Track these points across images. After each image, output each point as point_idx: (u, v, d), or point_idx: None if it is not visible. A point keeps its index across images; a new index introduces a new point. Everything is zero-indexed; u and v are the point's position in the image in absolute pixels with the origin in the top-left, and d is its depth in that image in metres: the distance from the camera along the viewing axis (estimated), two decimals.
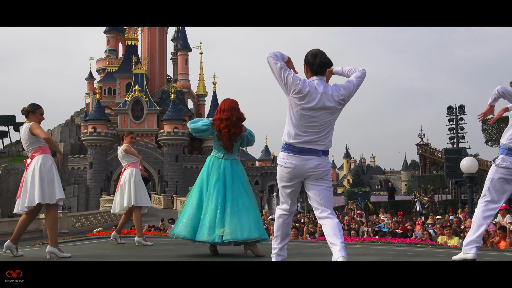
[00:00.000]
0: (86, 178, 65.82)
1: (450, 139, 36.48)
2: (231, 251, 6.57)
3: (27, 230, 26.09)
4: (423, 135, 50.58)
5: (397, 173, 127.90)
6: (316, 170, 4.32)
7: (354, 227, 13.25)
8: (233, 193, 5.90)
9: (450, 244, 9.90)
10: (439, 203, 35.43)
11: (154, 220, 27.02)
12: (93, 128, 65.22)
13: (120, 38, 76.55)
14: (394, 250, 6.84)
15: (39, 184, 5.87)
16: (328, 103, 4.24)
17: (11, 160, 67.68)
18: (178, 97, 69.87)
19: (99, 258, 6.23)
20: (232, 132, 5.95)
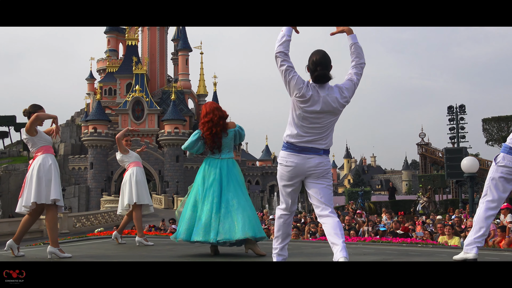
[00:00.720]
0: (86, 179, 65.87)
1: (450, 139, 36.49)
2: (232, 251, 6.58)
3: (29, 231, 26.03)
4: (424, 134, 50.63)
5: (398, 173, 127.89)
6: (317, 168, 4.33)
7: (355, 227, 13.26)
8: (228, 193, 5.94)
9: (451, 243, 9.90)
10: (439, 203, 35.41)
11: (155, 220, 26.99)
12: (94, 129, 65.26)
13: (120, 39, 76.61)
14: (395, 250, 6.85)
15: (36, 184, 5.87)
16: (331, 106, 4.26)
17: (12, 161, 67.76)
18: (179, 97, 69.91)
19: (100, 258, 6.24)
20: (214, 132, 6.00)
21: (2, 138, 76.80)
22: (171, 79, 77.91)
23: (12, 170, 63.41)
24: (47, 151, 6.07)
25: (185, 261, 5.64)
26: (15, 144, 75.46)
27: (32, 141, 6.01)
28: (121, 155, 8.25)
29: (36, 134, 6.01)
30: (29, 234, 29.51)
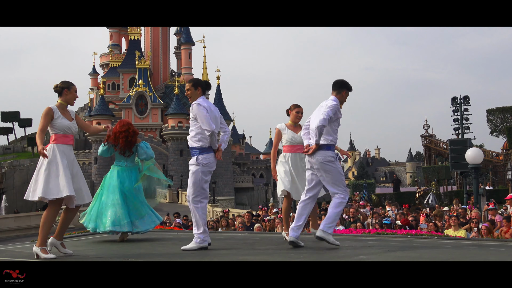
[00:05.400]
0: (91, 174, 66.00)
1: (454, 130, 36.38)
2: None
3: (33, 226, 26.05)
4: (428, 126, 50.44)
5: (402, 165, 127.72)
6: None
7: (359, 219, 13.23)
8: (113, 193, 7.22)
9: (457, 235, 9.88)
10: (444, 194, 35.36)
11: (159, 214, 27.01)
12: (98, 123, 65.30)
13: (123, 33, 76.55)
14: (400, 241, 6.83)
15: (34, 178, 5.53)
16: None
17: (16, 156, 67.92)
18: (182, 91, 69.82)
19: (102, 256, 6.23)
20: (129, 140, 7.34)
21: (7, 134, 76.91)
22: (174, 73, 77.83)
23: (17, 165, 63.55)
24: (55, 141, 5.60)
25: (188, 261, 5.65)
26: (19, 139, 75.62)
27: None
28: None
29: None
30: (34, 230, 29.56)
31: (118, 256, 5.94)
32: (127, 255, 5.89)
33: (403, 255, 5.48)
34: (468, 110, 36.02)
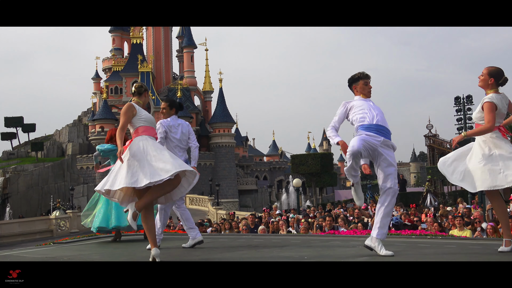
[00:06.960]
0: (95, 178, 66.08)
1: (458, 130, 36.30)
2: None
3: (38, 230, 26.12)
4: (431, 126, 50.36)
5: (406, 165, 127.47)
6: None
7: (362, 220, 13.20)
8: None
9: (462, 235, 9.84)
10: (448, 194, 35.26)
11: None
12: (101, 128, 65.46)
13: (125, 37, 76.68)
14: (404, 242, 6.81)
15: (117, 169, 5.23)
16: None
17: (20, 162, 68.08)
18: (185, 94, 69.95)
19: (106, 257, 6.24)
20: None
21: (10, 139, 77.10)
22: (176, 76, 77.93)
23: (21, 171, 63.69)
24: (138, 133, 5.41)
25: (192, 261, 5.65)
26: (23, 145, 75.77)
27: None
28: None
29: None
30: (39, 234, 29.64)
31: (119, 256, 5.94)
32: (130, 256, 5.89)
33: (407, 255, 5.46)
34: (471, 110, 35.94)
